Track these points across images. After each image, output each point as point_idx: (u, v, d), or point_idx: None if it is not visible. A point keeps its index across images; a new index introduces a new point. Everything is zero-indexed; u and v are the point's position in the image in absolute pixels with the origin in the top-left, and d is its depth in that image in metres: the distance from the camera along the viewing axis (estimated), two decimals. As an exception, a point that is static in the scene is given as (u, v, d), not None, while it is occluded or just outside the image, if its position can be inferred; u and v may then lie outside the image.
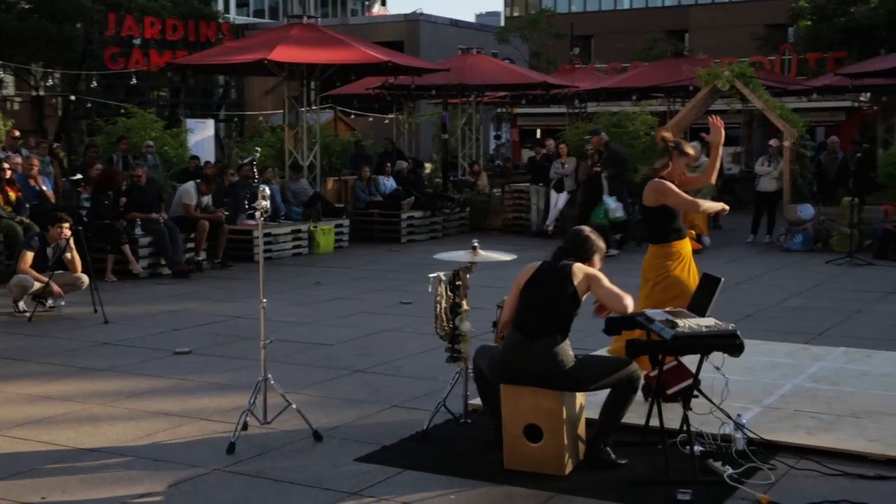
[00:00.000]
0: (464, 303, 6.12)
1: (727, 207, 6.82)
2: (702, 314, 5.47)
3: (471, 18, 75.87)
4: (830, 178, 17.27)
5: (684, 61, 23.67)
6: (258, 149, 6.96)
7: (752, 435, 5.62)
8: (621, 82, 23.74)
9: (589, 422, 5.60)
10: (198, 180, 14.22)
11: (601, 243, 5.67)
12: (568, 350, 5.32)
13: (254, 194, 6.23)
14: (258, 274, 6.36)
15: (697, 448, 5.48)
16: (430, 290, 6.10)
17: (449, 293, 6.06)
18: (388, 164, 18.48)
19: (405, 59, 18.66)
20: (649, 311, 5.67)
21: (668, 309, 5.75)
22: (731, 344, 5.16)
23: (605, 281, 5.46)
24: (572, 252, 5.55)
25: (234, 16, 54.49)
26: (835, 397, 6.63)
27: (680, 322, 5.25)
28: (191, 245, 13.66)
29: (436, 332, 6.16)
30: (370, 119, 31.59)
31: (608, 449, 5.46)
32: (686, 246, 6.60)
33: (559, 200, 17.50)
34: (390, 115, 28.37)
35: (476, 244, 6.22)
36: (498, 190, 20.12)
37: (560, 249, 5.61)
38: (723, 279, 5.67)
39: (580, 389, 5.37)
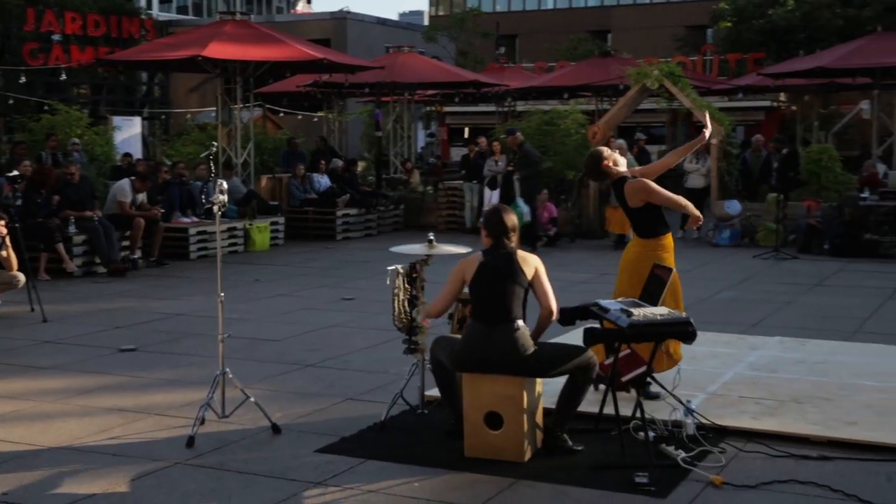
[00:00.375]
0: (421, 295, 6.20)
1: (701, 219, 6.78)
2: (654, 304, 5.64)
3: (394, 17, 75.90)
4: (755, 175, 17.74)
5: (611, 61, 24.03)
6: (215, 143, 6.96)
7: (702, 420, 5.82)
8: (551, 81, 24.03)
9: (546, 411, 5.74)
10: (132, 177, 14.08)
11: (514, 219, 5.72)
12: (527, 335, 5.46)
13: (211, 189, 6.17)
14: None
15: (650, 433, 5.66)
16: (388, 282, 6.19)
17: (406, 286, 6.14)
18: (323, 162, 18.47)
19: (340, 56, 18.66)
20: (603, 301, 5.84)
21: (620, 299, 5.92)
22: (684, 331, 5.35)
23: (545, 276, 5.61)
24: (496, 231, 5.62)
25: (157, 12, 53.72)
26: (775, 384, 6.88)
27: (635, 311, 5.42)
28: (126, 243, 13.52)
29: (394, 325, 6.24)
30: (299, 117, 31.44)
31: (565, 436, 5.60)
32: (671, 238, 6.69)
33: (493, 197, 17.63)
34: (319, 114, 28.29)
35: (432, 237, 6.32)
36: (431, 188, 20.23)
37: (489, 232, 5.66)
38: (674, 269, 5.86)
39: (541, 375, 5.51)
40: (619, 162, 6.62)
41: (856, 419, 6.03)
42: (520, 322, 5.47)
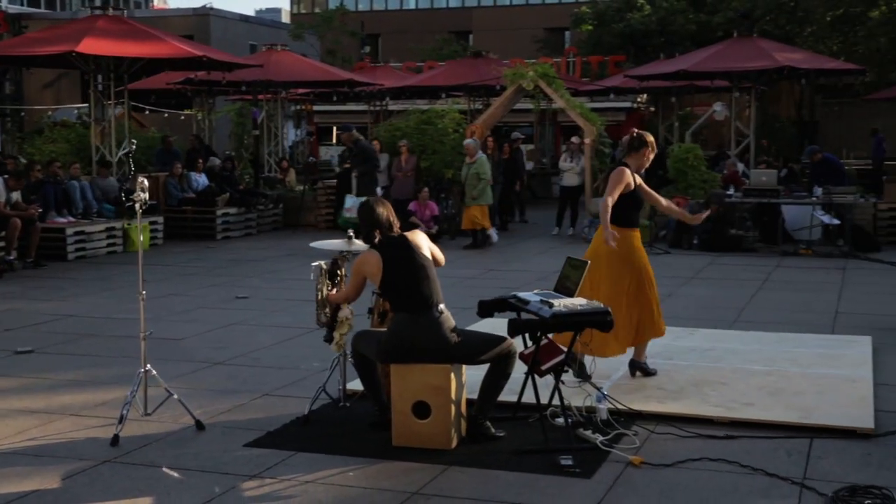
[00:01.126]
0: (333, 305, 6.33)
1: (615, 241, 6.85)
2: (570, 295, 5.92)
3: (250, 13, 74.92)
4: (626, 173, 18.37)
5: (482, 61, 24.48)
6: (134, 141, 6.91)
7: (618, 405, 6.14)
8: (426, 81, 24.30)
9: (468, 401, 5.96)
10: (5, 176, 13.67)
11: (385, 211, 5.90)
12: (451, 320, 5.67)
13: (130, 186, 6.17)
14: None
15: (561, 420, 5.94)
16: (311, 278, 6.29)
17: (328, 281, 6.26)
18: (201, 161, 18.27)
19: (219, 53, 18.46)
20: (521, 293, 6.10)
21: (536, 291, 6.19)
22: (602, 320, 5.65)
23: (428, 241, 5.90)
24: (377, 224, 5.80)
25: (6, 4, 51.66)
26: (673, 370, 7.28)
27: (556, 302, 5.69)
28: (0, 244, 13.13)
29: (317, 321, 6.34)
30: (165, 115, 30.87)
31: (488, 423, 5.83)
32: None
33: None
34: (186, 111, 27.87)
35: (351, 234, 6.46)
36: (309, 186, 20.22)
37: (368, 229, 5.83)
38: (589, 262, 6.17)
39: (468, 362, 5.71)
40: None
41: (752, 401, 6.46)
42: (442, 306, 5.67)
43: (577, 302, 5.74)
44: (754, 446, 5.68)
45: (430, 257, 5.78)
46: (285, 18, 61.80)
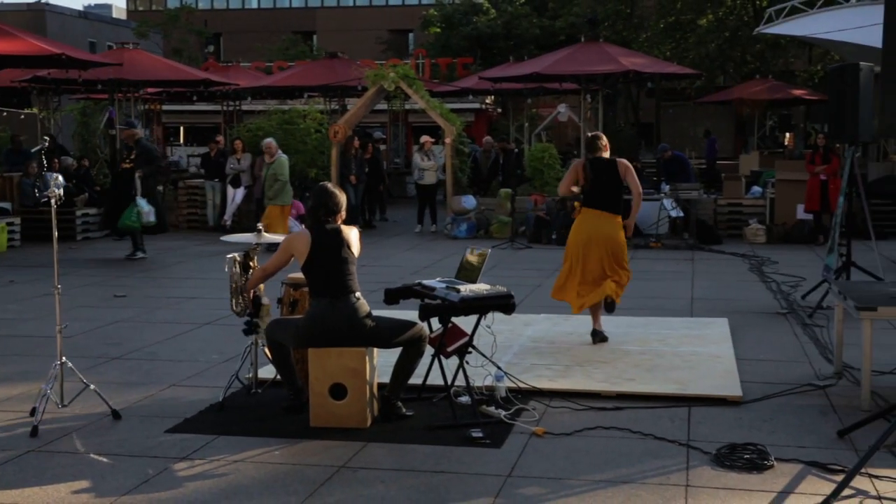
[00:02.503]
0: (251, 292, 6.59)
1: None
2: (473, 281, 6.37)
3: (78, 9, 72.52)
4: (485, 172, 19.06)
5: (338, 62, 24.75)
6: (46, 137, 6.96)
7: (519, 384, 6.63)
8: (283, 80, 24.36)
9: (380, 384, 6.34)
10: None
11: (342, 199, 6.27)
12: (366, 306, 6.03)
13: (46, 182, 6.28)
14: None
15: (465, 398, 6.40)
16: (226, 269, 6.52)
17: (241, 272, 6.52)
18: (56, 161, 17.91)
19: (76, 52, 18.15)
20: (425, 281, 6.52)
21: (439, 279, 6.62)
22: (506, 304, 6.12)
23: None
24: (325, 208, 6.12)
25: None
26: (557, 352, 7.84)
27: (461, 287, 6.13)
28: None
29: (231, 309, 6.59)
30: (4, 114, 29.85)
31: (399, 403, 6.22)
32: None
33: (237, 195, 17.91)
34: (27, 110, 27.07)
35: (261, 227, 6.75)
36: (170, 186, 20.09)
37: (314, 209, 6.15)
38: (490, 250, 6.63)
39: (383, 345, 6.08)
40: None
41: (632, 376, 7.06)
42: (358, 293, 6.03)
43: (482, 287, 6.20)
44: (640, 415, 6.26)
45: (355, 254, 6.11)
46: (116, 14, 60.20)
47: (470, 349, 6.36)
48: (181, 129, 37.96)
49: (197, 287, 11.71)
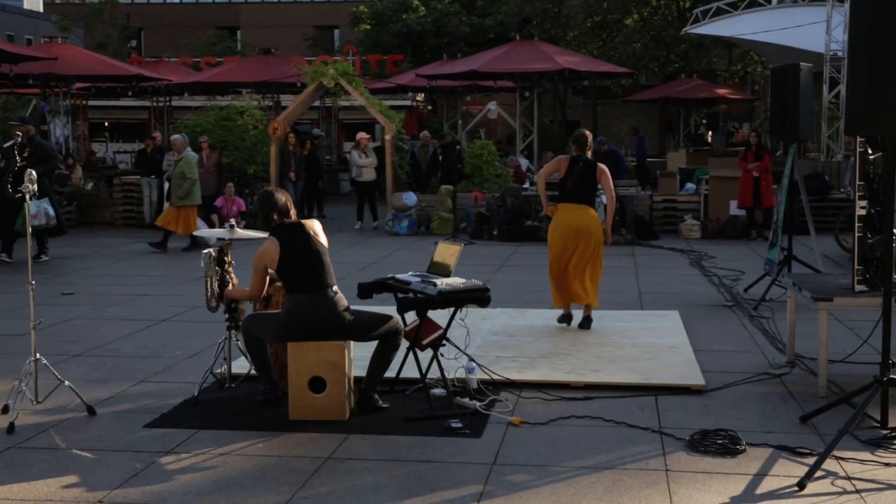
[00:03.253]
0: (232, 276, 6.63)
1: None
2: (447, 276, 6.50)
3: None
4: (423, 168, 19.18)
5: (272, 58, 24.63)
6: (19, 133, 6.89)
7: (493, 376, 6.78)
8: (216, 76, 24.16)
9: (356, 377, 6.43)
10: None
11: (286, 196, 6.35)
12: (344, 300, 6.12)
13: (18, 177, 6.25)
14: None
15: (438, 390, 6.52)
16: (202, 265, 6.54)
17: (217, 268, 6.55)
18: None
19: (7, 45, 17.79)
20: (399, 276, 6.63)
21: (412, 273, 6.73)
22: (482, 297, 6.26)
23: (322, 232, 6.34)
24: (276, 210, 6.20)
25: None
26: (519, 345, 7.99)
27: (437, 281, 6.26)
28: None
29: (207, 305, 6.60)
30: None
31: (376, 396, 6.32)
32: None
33: (175, 192, 17.72)
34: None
35: (233, 222, 6.78)
36: (102, 183, 19.82)
37: (267, 214, 6.22)
38: (463, 244, 6.77)
39: (361, 338, 6.17)
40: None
41: (597, 367, 7.25)
42: (335, 287, 6.11)
43: (457, 281, 6.33)
44: (610, 404, 6.45)
45: (325, 244, 6.20)
46: (28, 6, 58.79)
47: (444, 342, 6.48)
48: (105, 124, 37.29)
49: (147, 284, 11.63)
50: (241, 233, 6.79)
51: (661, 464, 5.30)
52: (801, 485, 4.87)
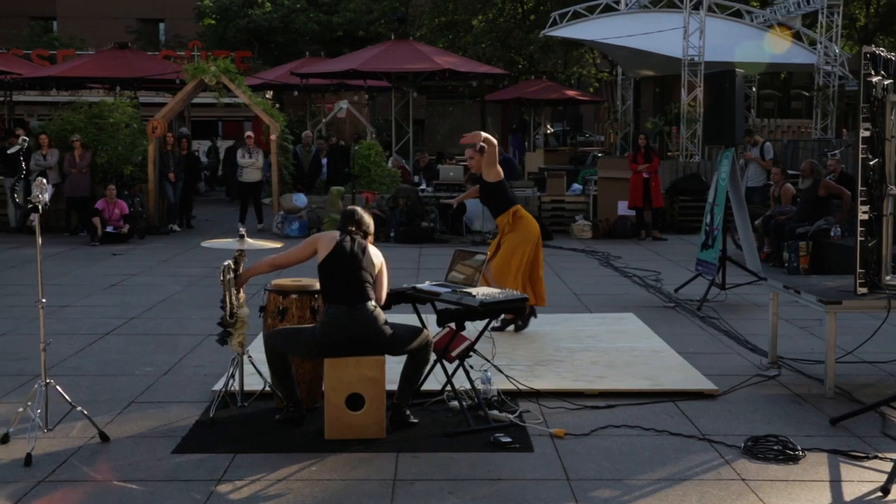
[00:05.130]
0: (241, 290, 6.26)
1: None
2: (472, 285, 6.33)
3: None
4: (306, 168, 18.76)
5: (130, 53, 23.56)
6: (25, 137, 6.21)
7: (519, 386, 6.65)
8: (71, 71, 22.85)
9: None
10: None
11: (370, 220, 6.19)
12: (383, 314, 5.86)
13: (27, 186, 5.68)
14: None
15: (458, 403, 6.35)
16: (221, 278, 6.14)
17: (231, 278, 6.16)
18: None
19: None
20: (420, 285, 6.43)
21: (433, 283, 6.53)
22: (520, 306, 6.14)
23: (385, 273, 6.09)
24: (358, 227, 6.04)
25: None
26: (507, 352, 7.83)
27: (472, 291, 6.09)
28: None
29: (225, 321, 6.19)
30: None
31: (408, 411, 6.10)
32: None
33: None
34: None
35: (243, 232, 6.41)
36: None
37: (345, 225, 6.04)
38: (486, 255, 6.60)
39: (397, 353, 5.92)
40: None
41: (600, 374, 7.22)
42: (374, 302, 5.85)
43: (492, 290, 6.18)
44: (636, 412, 6.43)
45: (375, 272, 5.92)
46: None
47: (470, 353, 6.32)
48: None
49: (59, 294, 10.87)
50: (252, 242, 6.41)
51: (731, 473, 5.31)
52: (886, 490, 4.98)
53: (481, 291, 6.13)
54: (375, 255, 5.98)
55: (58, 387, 5.84)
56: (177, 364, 7.68)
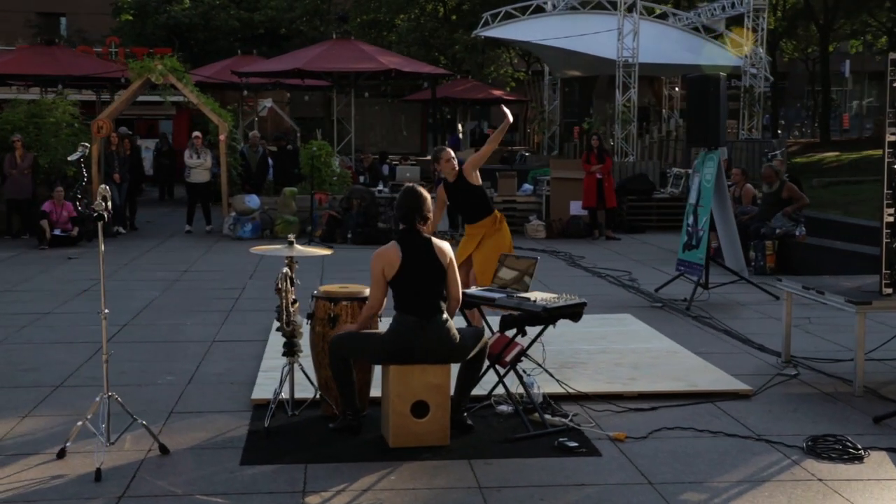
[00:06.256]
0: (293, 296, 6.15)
1: None
2: (526, 290, 6.34)
3: None
4: (254, 169, 18.48)
5: (57, 49, 22.88)
6: (86, 144, 5.93)
7: (568, 389, 6.67)
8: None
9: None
10: None
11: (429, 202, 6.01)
12: (453, 325, 5.81)
13: (86, 195, 5.47)
14: None
15: (505, 407, 6.36)
16: (279, 286, 6.00)
17: (290, 287, 6.04)
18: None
19: None
20: (469, 290, 6.40)
21: (482, 288, 6.51)
22: (580, 311, 6.16)
23: (455, 265, 6.01)
24: (419, 214, 5.83)
25: None
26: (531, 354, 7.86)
27: (530, 296, 6.10)
28: None
29: (283, 329, 6.06)
30: None
31: (465, 414, 6.07)
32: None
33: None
34: None
35: (292, 238, 6.29)
36: None
37: (407, 214, 5.82)
38: (538, 258, 6.60)
39: (463, 359, 5.88)
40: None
41: (631, 376, 7.29)
42: (445, 314, 5.79)
43: (550, 295, 6.19)
44: (679, 413, 6.51)
45: (446, 269, 5.81)
46: None
47: (522, 357, 6.32)
48: None
49: (33, 301, 10.52)
50: (301, 249, 6.29)
51: (804, 473, 5.40)
52: (962, 485, 5.15)
53: (539, 296, 6.13)
54: (441, 252, 5.84)
55: (118, 398, 5.64)
56: (196, 372, 7.51)
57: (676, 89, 30.07)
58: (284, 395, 6.17)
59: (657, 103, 31.31)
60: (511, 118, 8.40)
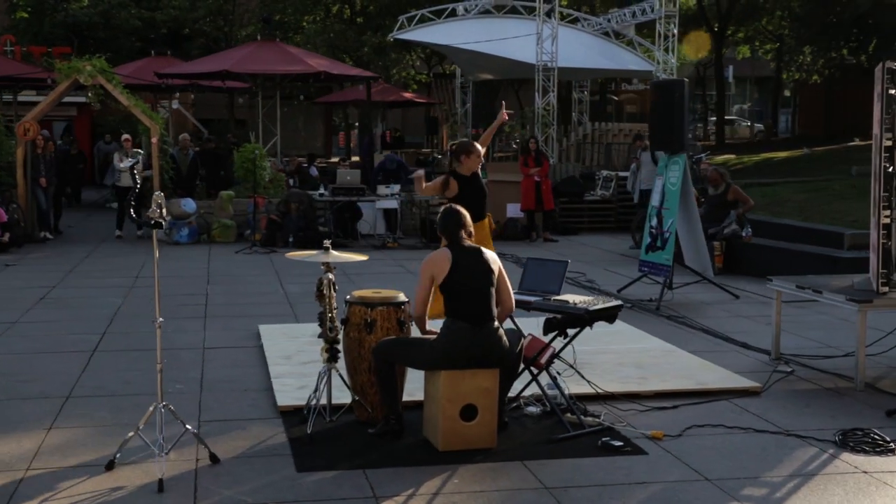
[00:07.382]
0: (333, 301, 6.09)
1: None
2: (556, 293, 6.41)
3: None
4: (184, 172, 18.12)
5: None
6: (141, 151, 5.73)
7: (598, 390, 6.77)
8: None
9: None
10: None
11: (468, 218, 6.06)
12: (503, 332, 5.84)
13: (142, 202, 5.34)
14: None
15: (534, 408, 6.44)
16: (325, 291, 5.93)
17: (332, 293, 5.98)
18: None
19: None
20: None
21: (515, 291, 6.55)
22: (615, 313, 6.26)
23: (505, 273, 6.05)
24: (465, 229, 5.93)
25: None
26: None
27: (568, 298, 6.18)
28: None
29: (326, 335, 5.98)
30: None
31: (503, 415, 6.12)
32: None
33: None
34: None
35: (328, 244, 6.23)
36: None
37: (453, 231, 5.89)
38: (569, 261, 6.68)
39: (508, 363, 5.92)
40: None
41: (641, 375, 7.43)
42: (496, 322, 5.81)
43: (587, 298, 6.28)
44: (702, 411, 6.67)
45: (496, 277, 5.83)
46: None
47: (553, 359, 6.39)
48: None
49: (7, 310, 10.14)
50: (337, 255, 6.23)
51: (847, 466, 5.60)
52: None
53: (576, 299, 6.21)
54: (492, 260, 5.90)
55: (171, 406, 5.51)
56: (203, 380, 7.36)
57: (585, 93, 30.58)
58: (319, 400, 6.10)
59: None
60: (506, 116, 8.49)
